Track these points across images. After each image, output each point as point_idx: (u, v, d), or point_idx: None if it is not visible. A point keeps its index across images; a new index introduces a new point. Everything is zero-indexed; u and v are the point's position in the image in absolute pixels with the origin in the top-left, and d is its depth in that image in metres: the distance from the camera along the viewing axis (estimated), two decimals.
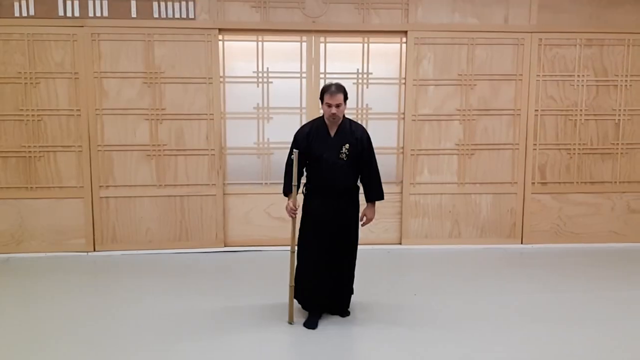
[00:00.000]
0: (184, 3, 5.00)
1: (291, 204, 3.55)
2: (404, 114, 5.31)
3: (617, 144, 5.45)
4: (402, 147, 5.35)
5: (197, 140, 5.20)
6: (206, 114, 5.17)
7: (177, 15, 5.01)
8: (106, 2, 4.93)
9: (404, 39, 5.24)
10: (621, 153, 5.46)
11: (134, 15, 4.97)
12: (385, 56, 5.32)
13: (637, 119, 5.42)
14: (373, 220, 3.71)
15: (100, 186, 5.13)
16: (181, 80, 5.11)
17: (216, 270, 4.80)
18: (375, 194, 3.66)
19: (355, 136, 3.56)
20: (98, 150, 5.09)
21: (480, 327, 3.56)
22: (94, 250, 5.17)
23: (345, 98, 3.51)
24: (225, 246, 5.33)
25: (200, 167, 5.24)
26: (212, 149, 5.22)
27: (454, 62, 5.29)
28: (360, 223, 3.68)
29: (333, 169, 3.53)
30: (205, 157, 5.23)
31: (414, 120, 5.28)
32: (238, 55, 5.24)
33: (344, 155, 3.52)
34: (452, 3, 5.22)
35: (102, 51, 4.99)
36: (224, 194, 5.30)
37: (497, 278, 4.54)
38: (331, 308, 3.73)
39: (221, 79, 5.18)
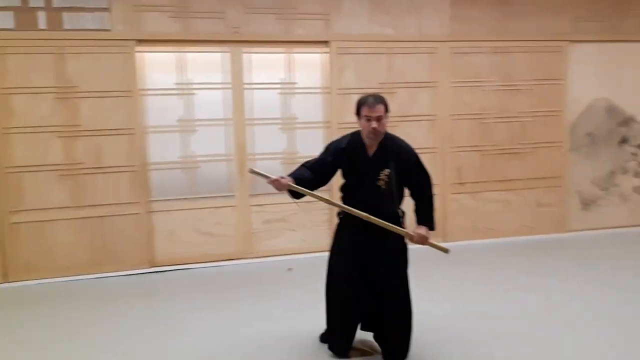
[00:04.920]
0: (97, 14, 4.75)
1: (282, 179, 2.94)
2: (330, 122, 5.39)
3: (524, 144, 5.88)
4: None
5: (117, 156, 4.94)
6: (126, 129, 4.93)
7: (90, 27, 4.74)
8: (11, 13, 4.55)
9: (327, 49, 5.33)
10: (528, 152, 5.90)
11: (42, 26, 4.64)
12: (310, 66, 5.38)
13: (540, 120, 5.88)
14: (425, 240, 3.05)
15: (10, 211, 4.72)
16: (97, 94, 4.84)
17: (144, 292, 4.55)
18: (423, 219, 3.12)
19: (400, 159, 3.07)
20: (6, 172, 4.68)
21: None
22: (7, 281, 4.74)
23: (387, 110, 3.04)
24: (152, 266, 5.10)
25: (122, 185, 4.98)
26: (133, 165, 4.98)
27: (375, 71, 5.45)
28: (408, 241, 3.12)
29: (368, 195, 3.07)
30: (126, 174, 4.98)
31: (340, 128, 5.35)
32: (159, 66, 5.05)
33: (382, 182, 3.04)
34: (370, 14, 5.38)
35: (8, 66, 4.61)
36: (149, 211, 5.07)
37: (426, 271, 4.68)
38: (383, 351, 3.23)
39: (141, 92, 4.97)
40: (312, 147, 5.34)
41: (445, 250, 3.13)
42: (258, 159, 5.29)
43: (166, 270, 5.05)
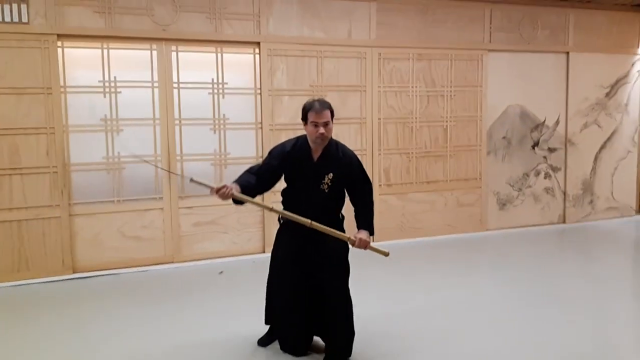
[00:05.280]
0: (15, 5, 4.48)
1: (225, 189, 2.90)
2: (261, 123, 5.38)
3: (446, 147, 6.15)
4: (262, 157, 5.39)
5: (35, 157, 4.67)
6: (45, 128, 4.67)
7: (6, 19, 4.46)
8: None
9: (257, 50, 5.32)
10: (449, 155, 6.17)
11: None
12: (240, 66, 5.33)
13: (461, 124, 6.17)
14: (366, 244, 3.06)
15: None
16: (14, 91, 4.56)
17: (65, 300, 4.30)
18: (363, 224, 3.17)
19: (343, 163, 3.13)
20: None
21: None
22: None
23: (332, 115, 3.08)
24: (74, 272, 4.85)
25: (41, 187, 4.71)
26: (54, 166, 4.72)
27: (306, 73, 5.50)
28: (349, 245, 3.14)
29: (311, 199, 3.11)
30: (45, 175, 4.71)
31: (272, 129, 5.37)
32: (82, 63, 4.82)
33: (326, 185, 3.10)
34: (301, 17, 5.43)
35: None
36: (70, 215, 4.82)
37: (358, 271, 4.77)
38: (326, 350, 3.24)
39: (62, 89, 4.73)
40: (243, 148, 5.36)
41: (386, 254, 3.14)
42: (187, 160, 5.18)
43: (89, 277, 4.82)
